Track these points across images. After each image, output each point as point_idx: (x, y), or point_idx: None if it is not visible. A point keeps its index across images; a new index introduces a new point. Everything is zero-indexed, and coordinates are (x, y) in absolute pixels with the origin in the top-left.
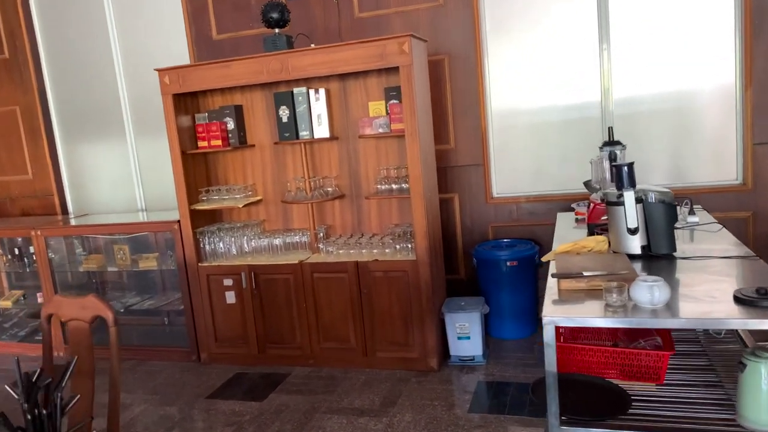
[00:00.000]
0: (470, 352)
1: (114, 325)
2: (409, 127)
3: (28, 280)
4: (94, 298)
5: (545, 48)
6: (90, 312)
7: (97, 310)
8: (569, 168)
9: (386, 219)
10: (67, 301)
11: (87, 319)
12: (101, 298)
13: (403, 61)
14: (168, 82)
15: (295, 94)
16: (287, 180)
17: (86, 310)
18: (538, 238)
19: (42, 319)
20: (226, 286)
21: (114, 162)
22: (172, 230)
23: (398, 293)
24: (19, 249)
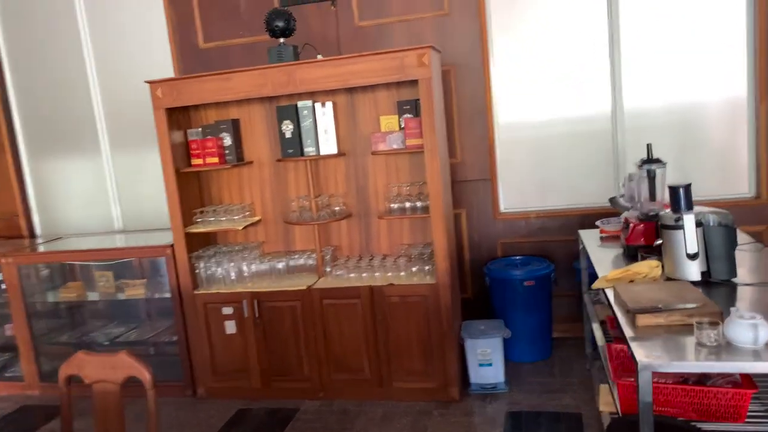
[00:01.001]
0: (492, 379)
1: (152, 387)
2: (428, 143)
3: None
4: (127, 356)
5: (555, 59)
6: (122, 372)
7: (131, 369)
8: (579, 182)
9: (397, 239)
10: (92, 359)
11: (118, 380)
12: (135, 356)
13: (422, 74)
14: (161, 96)
15: (299, 107)
16: (289, 199)
17: (117, 370)
18: (549, 254)
19: (60, 382)
20: (225, 315)
21: (87, 179)
22: (165, 255)
23: (416, 319)
24: None
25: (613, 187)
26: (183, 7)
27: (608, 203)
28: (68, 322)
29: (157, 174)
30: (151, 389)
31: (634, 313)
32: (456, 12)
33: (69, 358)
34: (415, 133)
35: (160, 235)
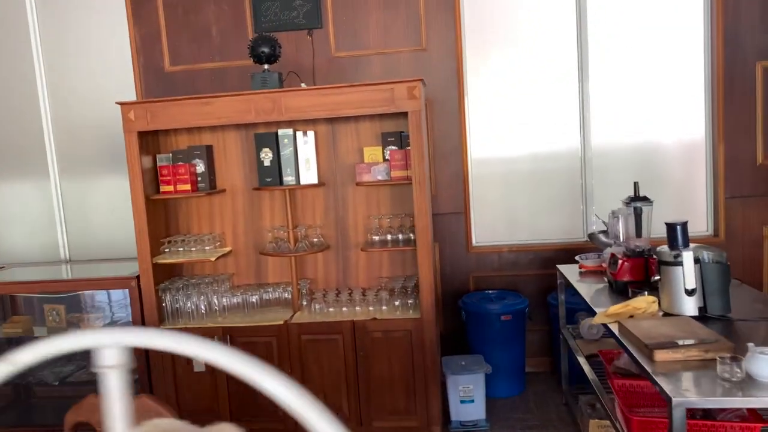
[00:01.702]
0: (473, 416)
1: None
2: (417, 175)
3: None
4: (149, 400)
5: (527, 97)
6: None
7: (153, 415)
8: (549, 217)
9: (376, 272)
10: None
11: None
12: (158, 399)
13: (412, 107)
14: (133, 118)
15: (280, 135)
16: (264, 229)
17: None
18: (520, 288)
19: (65, 430)
20: None
21: (31, 204)
22: (129, 287)
23: (400, 355)
24: None
25: (581, 223)
26: (149, 27)
27: (577, 239)
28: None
29: (109, 201)
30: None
31: (653, 348)
32: (433, 48)
33: (79, 402)
34: (401, 165)
35: (112, 266)
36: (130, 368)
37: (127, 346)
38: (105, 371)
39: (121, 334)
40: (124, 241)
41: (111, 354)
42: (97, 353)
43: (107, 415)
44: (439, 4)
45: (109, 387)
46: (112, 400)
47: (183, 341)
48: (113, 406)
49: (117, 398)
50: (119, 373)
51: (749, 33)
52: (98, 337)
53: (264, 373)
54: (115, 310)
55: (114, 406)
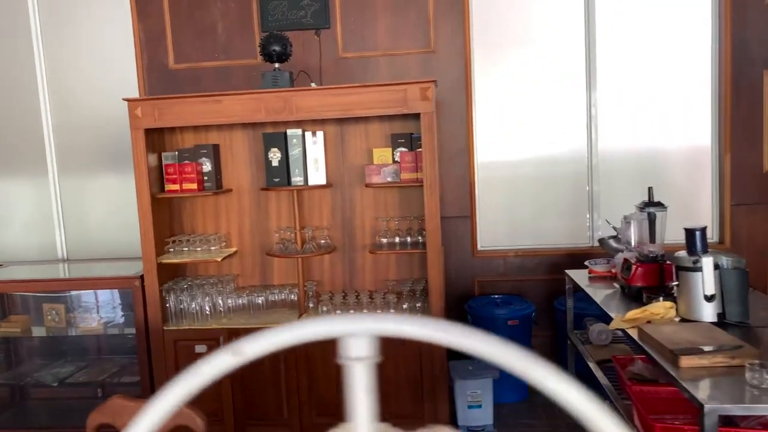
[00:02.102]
0: (481, 421)
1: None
2: (428, 177)
3: None
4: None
5: (534, 101)
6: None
7: (180, 417)
8: (555, 222)
9: (382, 275)
10: (133, 405)
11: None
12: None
13: (425, 108)
14: (140, 115)
15: (289, 135)
16: (270, 230)
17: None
18: (525, 293)
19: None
20: (198, 354)
21: (29, 202)
22: (132, 287)
23: (408, 359)
24: None
25: (587, 228)
26: (154, 24)
27: (582, 244)
28: (6, 361)
29: (107, 200)
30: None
31: (678, 354)
32: (442, 50)
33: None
34: (411, 167)
35: (110, 266)
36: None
37: (376, 335)
38: (350, 363)
39: (372, 321)
40: (122, 240)
41: (359, 344)
42: (342, 342)
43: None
44: (448, 7)
45: (354, 381)
46: (357, 396)
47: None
48: (358, 403)
49: (362, 394)
50: (367, 365)
51: (757, 41)
52: (345, 324)
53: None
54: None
55: (358, 404)
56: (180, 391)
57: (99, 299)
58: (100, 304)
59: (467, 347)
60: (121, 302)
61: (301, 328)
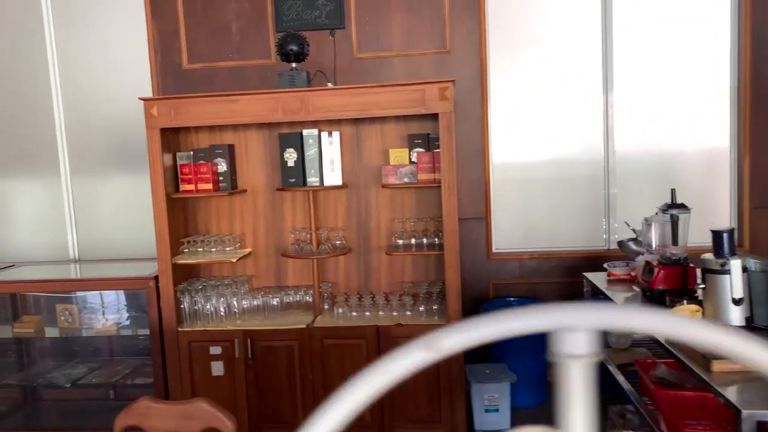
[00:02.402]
0: (498, 425)
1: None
2: (447, 178)
3: None
4: (206, 405)
5: (550, 102)
6: (198, 423)
7: (211, 420)
8: (570, 225)
9: (398, 277)
10: (162, 407)
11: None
12: (216, 405)
13: (444, 108)
14: (156, 115)
15: (305, 135)
16: (284, 231)
17: (192, 420)
18: (541, 297)
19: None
20: (213, 355)
21: (41, 202)
22: (147, 287)
23: None
24: None
25: (603, 231)
26: (168, 24)
27: (598, 247)
28: (18, 362)
29: (118, 200)
30: None
31: (710, 358)
32: (457, 51)
33: (130, 405)
34: (428, 167)
35: (122, 267)
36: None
37: (600, 329)
38: (565, 361)
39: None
40: (133, 241)
41: (578, 339)
42: (557, 337)
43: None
44: (463, 7)
45: (568, 383)
46: (572, 400)
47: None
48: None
49: (578, 399)
50: (585, 364)
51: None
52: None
53: None
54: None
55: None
56: (367, 390)
57: (112, 300)
58: (113, 305)
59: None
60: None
61: (511, 320)
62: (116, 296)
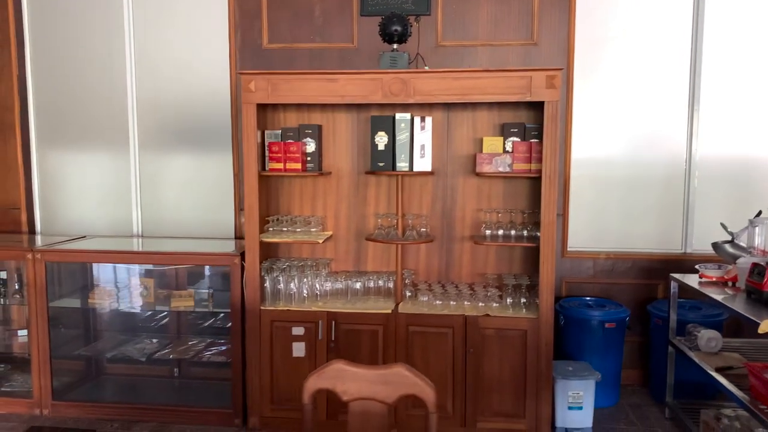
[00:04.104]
0: (580, 424)
1: (435, 410)
2: (548, 169)
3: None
4: (405, 370)
5: (635, 99)
6: (396, 389)
7: (409, 387)
8: (647, 226)
9: (480, 268)
10: (357, 371)
11: (389, 399)
12: (415, 371)
13: (551, 96)
14: (254, 89)
15: (397, 119)
16: (367, 216)
17: (390, 386)
18: (614, 297)
19: (305, 397)
20: (295, 336)
21: (108, 177)
22: (232, 264)
23: (512, 355)
24: None
25: (681, 233)
26: (250, 3)
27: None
28: (91, 334)
29: (181, 179)
30: (434, 412)
31: None
32: (544, 43)
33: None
34: (524, 157)
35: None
36: None
37: None
38: None
39: None
40: (193, 219)
41: None
42: None
43: None
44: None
45: None
46: None
47: None
48: None
49: None
50: None
51: None
52: None
53: None
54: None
55: None
56: None
57: (189, 276)
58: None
59: None
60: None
61: None
62: (193, 272)
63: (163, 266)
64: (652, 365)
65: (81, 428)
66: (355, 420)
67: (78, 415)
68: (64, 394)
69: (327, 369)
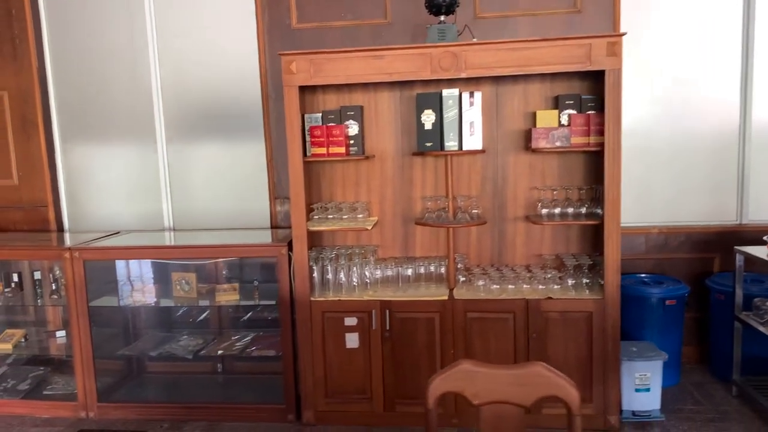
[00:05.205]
0: (647, 406)
1: (579, 412)
2: (611, 142)
3: (25, 315)
4: (545, 370)
5: (683, 64)
6: (535, 391)
7: (549, 388)
8: (699, 199)
9: (535, 248)
10: (487, 373)
11: (526, 401)
12: (555, 370)
13: (612, 64)
14: (295, 71)
15: (444, 96)
16: (413, 199)
17: (527, 387)
18: (667, 273)
19: (428, 402)
20: (347, 327)
21: (135, 169)
22: (279, 255)
23: (576, 338)
24: (18, 275)
25: (735, 205)
26: None
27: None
28: (130, 332)
29: (211, 168)
30: (578, 415)
31: None
32: (589, 10)
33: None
34: (582, 130)
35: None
36: None
37: None
38: None
39: None
40: (225, 210)
41: None
42: None
43: None
44: None
45: None
46: None
47: None
48: None
49: None
50: None
51: None
52: None
53: None
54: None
55: None
56: None
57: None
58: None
59: None
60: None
61: None
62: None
63: (205, 260)
64: (712, 342)
65: (130, 430)
66: (486, 425)
67: (125, 417)
68: (108, 396)
69: (454, 370)
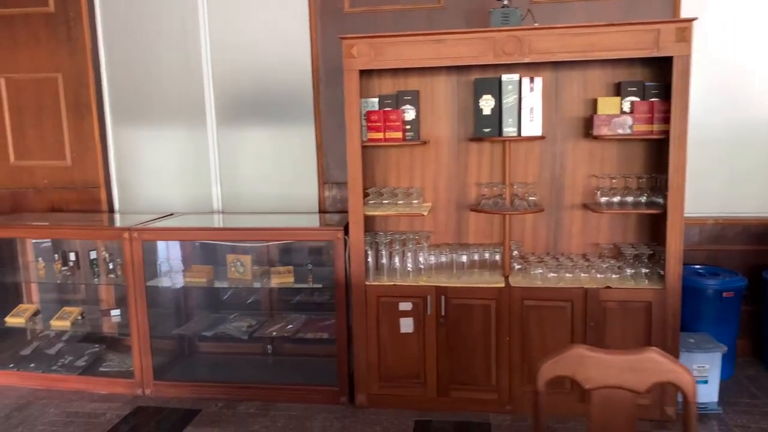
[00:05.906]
0: (705, 398)
1: (694, 399)
2: (677, 129)
3: (77, 293)
4: (659, 356)
5: (741, 55)
6: (649, 377)
7: (664, 374)
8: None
9: (592, 237)
10: (600, 358)
11: (639, 388)
12: (669, 356)
13: (681, 51)
14: (356, 55)
15: (503, 81)
16: (468, 185)
17: (641, 373)
18: (721, 264)
19: (539, 383)
20: (402, 312)
21: (185, 152)
22: (335, 239)
23: (636, 328)
24: (76, 254)
25: None
26: None
27: None
28: (182, 312)
29: (260, 152)
30: (693, 402)
31: None
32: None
33: (559, 353)
34: (645, 118)
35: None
36: None
37: None
38: None
39: None
40: (274, 194)
41: None
42: None
43: None
44: None
45: None
46: None
47: None
48: None
49: None
50: None
51: None
52: None
53: None
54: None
55: None
56: None
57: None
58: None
59: None
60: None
61: None
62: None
63: (261, 242)
64: (766, 335)
65: (186, 408)
66: (596, 410)
67: (179, 395)
68: (163, 374)
69: (566, 355)
